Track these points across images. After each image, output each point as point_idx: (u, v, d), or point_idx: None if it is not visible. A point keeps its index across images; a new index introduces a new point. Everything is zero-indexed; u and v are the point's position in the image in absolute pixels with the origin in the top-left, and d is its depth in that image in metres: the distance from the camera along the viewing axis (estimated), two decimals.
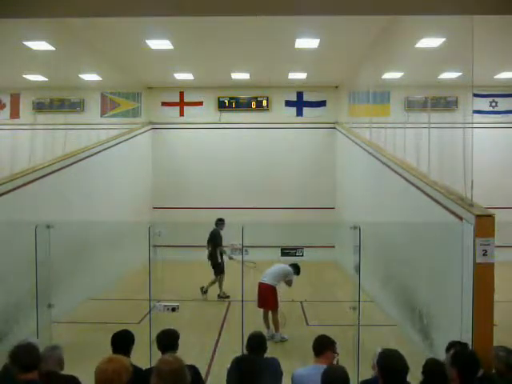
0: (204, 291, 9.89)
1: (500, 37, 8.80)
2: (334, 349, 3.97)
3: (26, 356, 3.33)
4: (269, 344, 4.32)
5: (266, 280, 7.48)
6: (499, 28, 8.15)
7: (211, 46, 10.13)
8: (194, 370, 3.93)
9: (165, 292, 9.10)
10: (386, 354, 3.26)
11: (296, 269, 7.78)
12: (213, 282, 9.97)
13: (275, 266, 7.68)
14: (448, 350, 4.27)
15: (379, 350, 3.43)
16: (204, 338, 7.29)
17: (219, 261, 9.87)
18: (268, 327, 7.45)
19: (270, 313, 7.50)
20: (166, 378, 2.64)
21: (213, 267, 9.96)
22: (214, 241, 9.99)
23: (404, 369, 3.15)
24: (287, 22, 8.33)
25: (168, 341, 4.00)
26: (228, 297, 9.78)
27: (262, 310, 7.58)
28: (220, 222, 10.17)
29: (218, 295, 9.91)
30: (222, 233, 10.11)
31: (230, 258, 8.63)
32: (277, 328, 7.38)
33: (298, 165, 14.52)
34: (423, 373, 3.54)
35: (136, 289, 9.48)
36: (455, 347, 4.21)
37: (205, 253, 10.16)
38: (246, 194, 14.31)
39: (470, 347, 4.93)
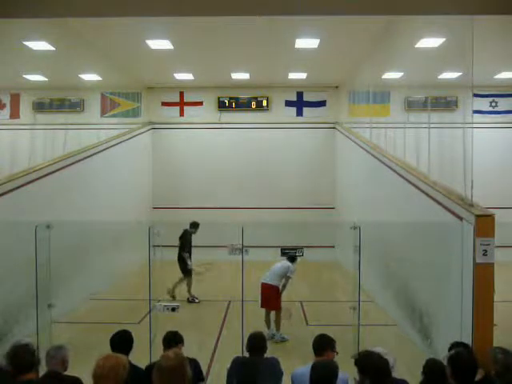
0: (171, 295, 9.53)
1: (500, 37, 8.80)
2: (334, 348, 3.97)
3: (23, 356, 3.33)
4: (269, 344, 4.32)
5: (268, 280, 7.47)
6: (499, 28, 8.15)
7: (211, 46, 10.13)
8: (194, 363, 3.96)
9: (165, 292, 9.14)
10: (364, 356, 3.30)
11: (291, 259, 7.59)
12: (177, 283, 9.67)
13: (275, 266, 7.65)
14: (449, 350, 4.26)
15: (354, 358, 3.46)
16: (204, 338, 7.29)
17: (188, 263, 9.58)
18: (269, 327, 7.44)
19: (271, 313, 7.49)
20: (167, 374, 2.66)
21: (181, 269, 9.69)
22: (181, 243, 9.76)
23: (385, 364, 3.19)
24: (287, 22, 8.33)
25: (172, 339, 4.09)
26: (198, 300, 9.54)
27: (262, 310, 7.56)
28: (193, 225, 9.93)
29: (188, 299, 9.59)
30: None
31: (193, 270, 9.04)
32: (278, 328, 7.38)
33: (298, 165, 14.51)
34: (423, 373, 3.54)
35: (136, 289, 9.48)
36: (455, 348, 4.21)
37: (205, 252, 10.14)
38: (245, 194, 14.32)
39: (471, 348, 4.92)
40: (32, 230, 6.07)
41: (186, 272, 9.67)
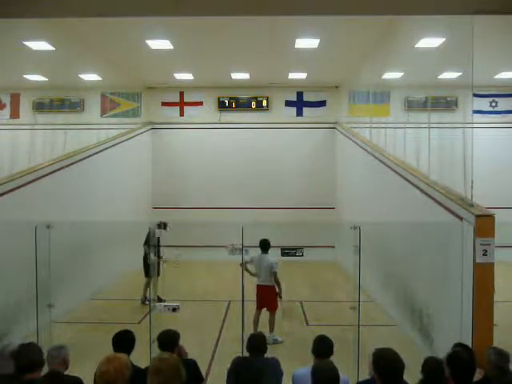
0: (143, 301, 9.18)
1: (500, 37, 8.80)
2: (333, 351, 3.94)
3: (30, 356, 3.33)
4: (269, 344, 4.31)
5: (265, 282, 7.37)
6: (499, 28, 8.16)
7: (211, 46, 10.13)
8: (192, 363, 3.95)
9: (165, 292, 9.13)
10: (382, 354, 3.24)
11: (267, 244, 7.48)
12: (146, 286, 9.23)
13: (261, 264, 7.37)
14: None
15: (373, 350, 3.41)
16: (204, 338, 7.29)
17: (148, 262, 8.90)
18: (256, 328, 7.28)
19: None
20: (161, 375, 2.65)
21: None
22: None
23: (401, 367, 3.15)
24: (287, 22, 8.34)
25: (166, 341, 4.02)
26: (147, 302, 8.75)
27: (262, 311, 7.52)
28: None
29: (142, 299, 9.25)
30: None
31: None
32: (272, 329, 7.35)
33: (298, 165, 14.52)
34: (422, 372, 3.53)
35: (136, 289, 9.48)
36: (454, 348, 4.19)
37: (205, 252, 10.13)
38: (246, 194, 14.32)
39: (471, 347, 4.91)
40: (32, 229, 6.07)
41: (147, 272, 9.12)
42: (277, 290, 7.39)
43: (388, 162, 9.02)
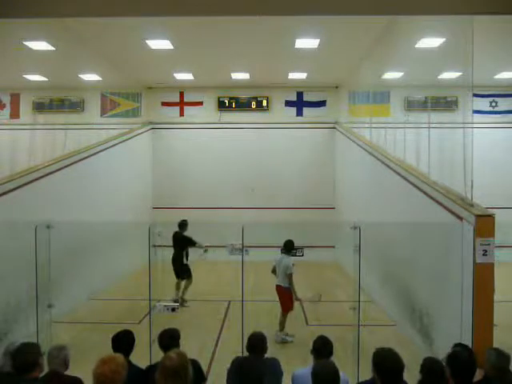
0: (183, 301, 9.25)
1: (500, 37, 8.81)
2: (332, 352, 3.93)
3: (25, 356, 3.33)
4: (269, 344, 4.31)
5: (280, 282, 7.47)
6: (499, 28, 8.16)
7: (211, 46, 10.14)
8: (195, 364, 3.94)
9: (165, 293, 9.13)
10: (383, 354, 3.24)
11: (290, 245, 7.56)
12: (185, 288, 9.47)
13: (280, 264, 7.51)
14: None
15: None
16: (204, 338, 7.29)
17: (185, 263, 9.51)
18: (281, 328, 7.38)
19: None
20: (169, 374, 2.67)
21: (181, 271, 9.48)
22: (180, 243, 9.59)
23: (401, 367, 3.15)
24: (287, 21, 8.34)
25: (168, 341, 4.02)
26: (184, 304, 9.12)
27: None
28: (183, 223, 9.78)
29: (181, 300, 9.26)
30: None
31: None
32: (281, 328, 7.37)
33: (298, 165, 14.52)
34: (421, 371, 3.53)
35: (136, 289, 9.48)
36: (454, 348, 4.19)
37: (204, 252, 10.08)
38: (245, 194, 14.32)
39: (471, 348, 4.91)
40: (32, 229, 6.07)
41: (187, 273, 9.54)
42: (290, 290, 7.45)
43: (388, 162, 9.02)
